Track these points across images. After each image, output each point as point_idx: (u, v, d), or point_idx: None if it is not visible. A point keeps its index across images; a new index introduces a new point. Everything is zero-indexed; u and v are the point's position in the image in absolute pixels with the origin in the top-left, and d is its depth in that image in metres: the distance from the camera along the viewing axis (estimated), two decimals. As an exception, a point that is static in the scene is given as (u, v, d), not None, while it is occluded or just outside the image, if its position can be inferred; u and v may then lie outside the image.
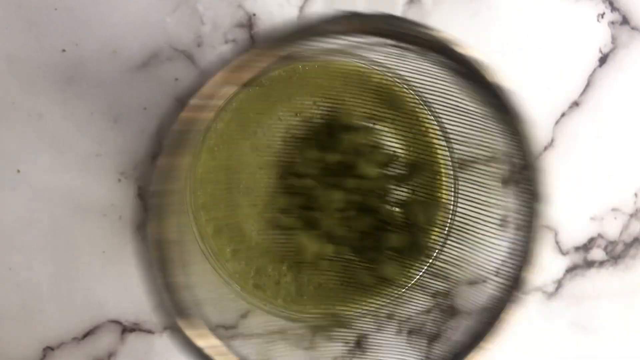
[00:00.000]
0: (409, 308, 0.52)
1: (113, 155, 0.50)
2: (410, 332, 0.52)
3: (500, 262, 0.51)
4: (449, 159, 0.44)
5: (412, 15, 0.50)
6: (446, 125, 0.43)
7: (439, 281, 0.49)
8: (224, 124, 0.44)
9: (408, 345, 0.52)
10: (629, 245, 0.52)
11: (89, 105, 0.50)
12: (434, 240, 0.44)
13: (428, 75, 0.41)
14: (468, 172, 0.51)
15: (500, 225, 0.51)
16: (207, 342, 0.35)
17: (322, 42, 0.35)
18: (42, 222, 0.50)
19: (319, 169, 0.43)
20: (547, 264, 0.52)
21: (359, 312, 0.44)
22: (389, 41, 0.36)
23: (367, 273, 0.45)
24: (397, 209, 0.44)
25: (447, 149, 0.44)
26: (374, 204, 0.43)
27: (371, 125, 0.43)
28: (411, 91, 0.43)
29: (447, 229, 0.44)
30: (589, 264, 0.52)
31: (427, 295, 0.52)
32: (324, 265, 0.44)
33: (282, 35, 0.34)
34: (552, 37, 0.51)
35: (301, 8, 0.50)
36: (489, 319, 0.39)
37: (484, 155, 0.51)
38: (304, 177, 0.43)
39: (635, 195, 0.52)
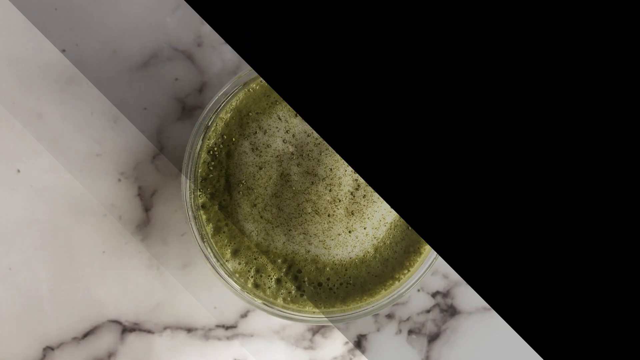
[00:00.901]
0: (409, 308, 0.52)
1: (113, 155, 0.50)
2: (411, 332, 0.52)
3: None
4: None
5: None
6: None
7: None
8: (223, 123, 0.44)
9: (408, 345, 0.52)
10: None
11: (89, 105, 0.50)
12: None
13: None
14: None
15: None
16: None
17: None
18: (42, 222, 0.50)
19: None
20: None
21: (359, 312, 0.44)
22: None
23: None
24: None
25: None
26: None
27: None
28: None
29: None
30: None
31: (427, 295, 0.52)
32: None
33: None
34: (552, 37, 0.51)
35: (301, 8, 0.50)
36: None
37: None
38: None
39: (635, 195, 0.52)
